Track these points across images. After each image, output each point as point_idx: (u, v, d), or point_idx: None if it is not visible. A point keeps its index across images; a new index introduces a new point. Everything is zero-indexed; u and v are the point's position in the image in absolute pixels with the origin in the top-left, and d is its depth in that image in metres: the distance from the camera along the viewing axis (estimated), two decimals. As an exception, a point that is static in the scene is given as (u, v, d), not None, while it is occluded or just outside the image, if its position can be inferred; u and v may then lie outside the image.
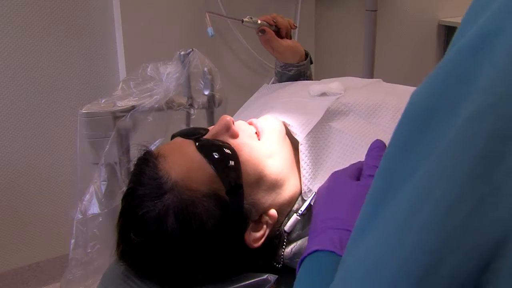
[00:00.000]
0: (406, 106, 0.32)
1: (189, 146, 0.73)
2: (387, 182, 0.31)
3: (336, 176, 0.60)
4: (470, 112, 0.26)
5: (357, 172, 0.60)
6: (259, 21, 1.09)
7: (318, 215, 0.56)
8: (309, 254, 0.51)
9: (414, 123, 0.31)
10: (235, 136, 0.76)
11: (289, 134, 0.83)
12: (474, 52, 0.29)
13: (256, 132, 0.80)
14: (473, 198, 0.25)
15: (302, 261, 0.52)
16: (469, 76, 0.28)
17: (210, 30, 1.16)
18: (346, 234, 0.50)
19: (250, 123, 0.82)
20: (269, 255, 0.76)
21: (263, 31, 1.10)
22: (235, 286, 0.71)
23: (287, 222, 0.76)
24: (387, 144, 0.70)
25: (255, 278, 0.71)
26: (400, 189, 0.29)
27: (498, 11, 0.29)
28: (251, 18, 1.09)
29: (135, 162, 0.75)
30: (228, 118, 0.77)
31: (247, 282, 0.71)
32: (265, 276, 0.71)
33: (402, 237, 0.27)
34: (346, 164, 0.74)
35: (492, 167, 0.25)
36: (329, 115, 0.84)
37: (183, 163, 0.71)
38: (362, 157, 0.74)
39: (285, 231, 0.75)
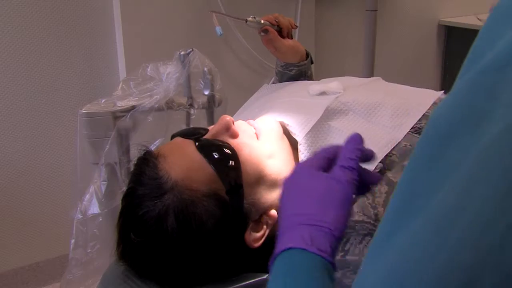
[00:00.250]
0: (429, 120, 0.32)
1: (189, 146, 0.73)
2: (409, 197, 0.31)
3: (301, 168, 0.57)
4: (499, 128, 0.27)
5: (323, 162, 0.56)
6: (262, 21, 1.09)
7: (285, 210, 0.53)
8: (281, 251, 0.50)
9: (437, 137, 0.31)
10: (235, 136, 0.76)
11: (288, 134, 0.83)
12: (501, 68, 0.29)
13: (254, 133, 0.80)
14: (508, 215, 0.25)
15: (274, 259, 0.51)
16: (495, 92, 0.28)
17: (218, 29, 1.16)
18: (316, 230, 0.49)
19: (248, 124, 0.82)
20: (269, 255, 0.76)
21: (266, 31, 1.10)
22: (235, 286, 0.71)
23: (287, 222, 0.76)
24: (369, 138, 0.69)
25: (255, 278, 0.71)
26: (425, 205, 0.29)
27: None
28: (254, 18, 1.09)
29: (135, 162, 0.75)
30: (228, 118, 0.77)
31: (247, 282, 0.71)
32: (265, 276, 0.71)
33: (433, 254, 0.27)
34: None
35: None
36: (328, 114, 0.84)
37: (183, 163, 0.71)
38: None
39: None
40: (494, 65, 0.30)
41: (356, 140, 0.56)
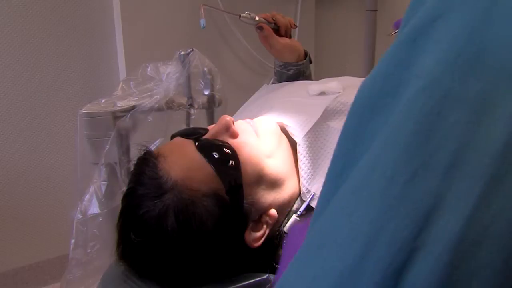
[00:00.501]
0: (356, 94, 0.35)
1: (189, 146, 0.73)
2: (340, 166, 0.33)
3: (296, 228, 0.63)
4: (407, 96, 0.30)
5: None
6: (257, 18, 1.10)
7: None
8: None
9: (361, 110, 0.33)
10: (235, 136, 0.77)
11: (288, 134, 0.83)
12: (412, 41, 0.32)
13: (254, 131, 0.80)
14: (407, 171, 0.28)
15: None
16: (408, 64, 0.31)
17: (202, 21, 1.16)
18: None
19: (247, 124, 0.82)
20: (269, 255, 0.76)
21: (260, 28, 1.10)
22: (235, 286, 0.71)
23: (286, 223, 0.76)
24: None
25: (255, 278, 0.71)
26: (344, 179, 0.32)
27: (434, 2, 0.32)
28: (249, 14, 1.09)
29: (135, 162, 0.75)
30: (228, 118, 0.77)
31: (247, 282, 0.71)
32: (265, 276, 0.71)
33: (350, 211, 0.30)
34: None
35: (422, 143, 0.28)
36: (328, 115, 0.84)
37: (183, 163, 0.71)
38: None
39: (285, 232, 0.75)
40: (408, 37, 0.32)
41: None
